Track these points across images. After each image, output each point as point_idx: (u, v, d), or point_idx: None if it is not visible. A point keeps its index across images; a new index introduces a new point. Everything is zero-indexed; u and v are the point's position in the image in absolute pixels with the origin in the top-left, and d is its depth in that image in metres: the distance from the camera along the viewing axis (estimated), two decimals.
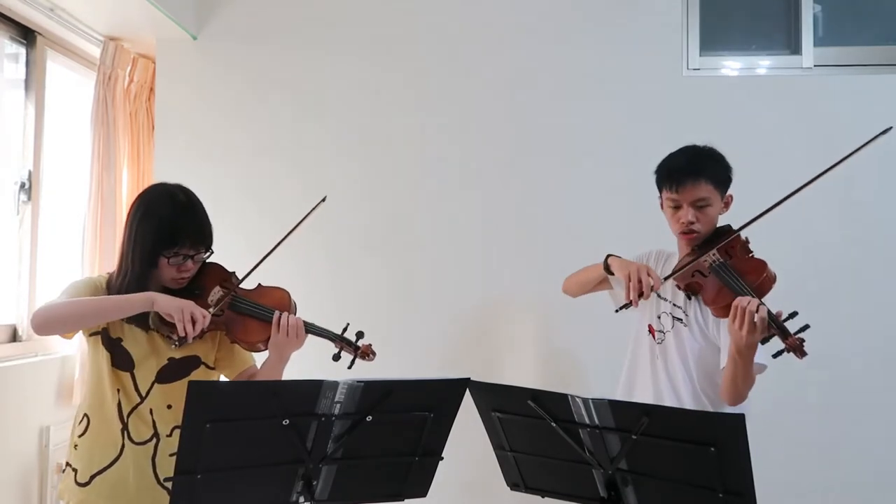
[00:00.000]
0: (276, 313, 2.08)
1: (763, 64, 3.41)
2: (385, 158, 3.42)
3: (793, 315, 1.93)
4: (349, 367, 2.10)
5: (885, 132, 2.12)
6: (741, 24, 3.50)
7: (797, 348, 1.89)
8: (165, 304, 1.96)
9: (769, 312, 1.95)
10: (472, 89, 3.40)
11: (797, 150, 3.27)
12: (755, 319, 1.93)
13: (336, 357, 2.11)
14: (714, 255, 2.16)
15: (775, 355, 1.96)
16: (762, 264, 2.12)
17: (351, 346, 2.12)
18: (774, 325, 1.93)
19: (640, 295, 2.16)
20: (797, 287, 3.15)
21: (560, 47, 3.38)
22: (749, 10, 3.51)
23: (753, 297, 2.00)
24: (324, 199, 2.17)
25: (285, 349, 2.08)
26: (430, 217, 3.39)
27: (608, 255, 2.38)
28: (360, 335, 2.13)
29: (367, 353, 2.13)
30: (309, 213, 2.16)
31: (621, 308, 2.24)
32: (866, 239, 3.24)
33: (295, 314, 2.13)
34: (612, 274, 2.34)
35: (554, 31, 3.38)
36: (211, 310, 2.02)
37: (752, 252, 2.20)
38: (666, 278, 2.24)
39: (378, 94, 3.42)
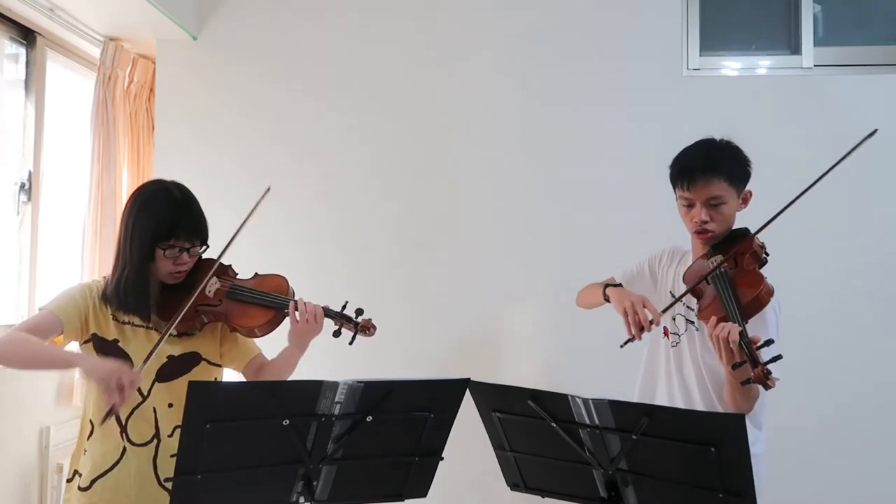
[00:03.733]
0: (292, 303, 2.08)
1: (763, 64, 3.41)
2: (387, 157, 3.42)
3: (767, 343, 1.87)
4: (350, 343, 2.10)
5: (870, 135, 2.06)
6: (741, 24, 3.50)
7: (762, 380, 1.83)
8: (90, 370, 1.87)
9: (743, 339, 1.88)
10: (475, 88, 3.40)
11: (797, 150, 3.27)
12: (731, 346, 1.88)
13: (336, 333, 2.12)
14: (719, 265, 2.08)
15: (743, 383, 1.90)
16: (759, 280, 2.03)
17: (351, 322, 2.12)
18: (746, 353, 1.87)
19: (641, 329, 2.09)
20: (786, 287, 3.17)
21: (560, 47, 3.38)
22: (749, 10, 3.51)
23: (738, 317, 1.94)
24: (268, 190, 2.16)
25: (305, 336, 2.09)
26: (434, 216, 3.39)
27: (606, 286, 2.30)
28: (359, 311, 2.13)
29: (367, 328, 2.12)
30: (255, 207, 2.14)
31: (626, 343, 2.13)
32: (863, 239, 3.24)
33: (294, 299, 2.13)
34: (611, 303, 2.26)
35: (553, 31, 3.38)
36: (140, 366, 1.91)
37: (764, 261, 2.11)
38: (664, 310, 2.16)
39: (381, 92, 3.42)
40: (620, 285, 2.30)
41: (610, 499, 1.76)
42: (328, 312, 2.13)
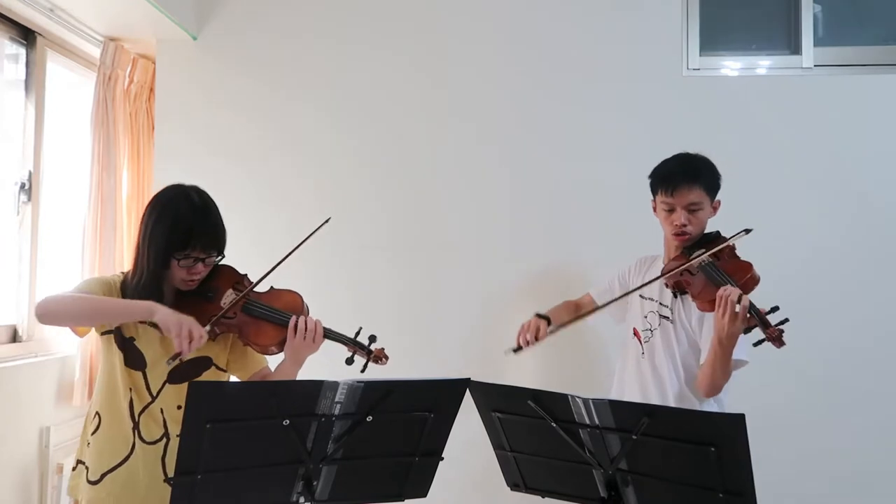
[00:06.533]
0: (293, 317, 2.07)
1: (763, 64, 3.41)
2: (386, 159, 3.42)
3: (774, 309, 2.05)
4: (362, 371, 2.10)
5: (746, 232, 2.27)
6: (741, 24, 3.50)
7: (776, 338, 2.01)
8: (165, 317, 1.94)
9: (751, 303, 2.06)
10: (473, 88, 3.39)
11: (797, 150, 3.27)
12: (737, 309, 2.05)
13: (349, 361, 2.12)
14: (704, 258, 2.27)
15: (756, 344, 2.07)
16: (748, 265, 2.23)
17: (364, 349, 2.12)
18: (756, 316, 2.05)
19: (527, 342, 2.46)
20: (788, 287, 3.18)
21: (560, 47, 3.37)
22: (749, 10, 3.51)
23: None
24: (327, 220, 2.17)
25: (301, 352, 2.08)
26: (433, 217, 3.39)
27: (538, 315, 2.58)
28: (372, 339, 2.13)
29: (379, 357, 2.13)
30: (312, 233, 2.15)
31: (511, 350, 2.48)
32: (863, 239, 3.23)
33: (307, 316, 2.13)
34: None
35: (553, 31, 3.38)
36: (207, 328, 2.00)
37: (738, 256, 2.31)
38: (607, 303, 2.45)
39: (380, 93, 3.42)
40: (547, 318, 2.57)
41: (610, 499, 1.77)
42: (341, 338, 2.13)
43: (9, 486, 2.83)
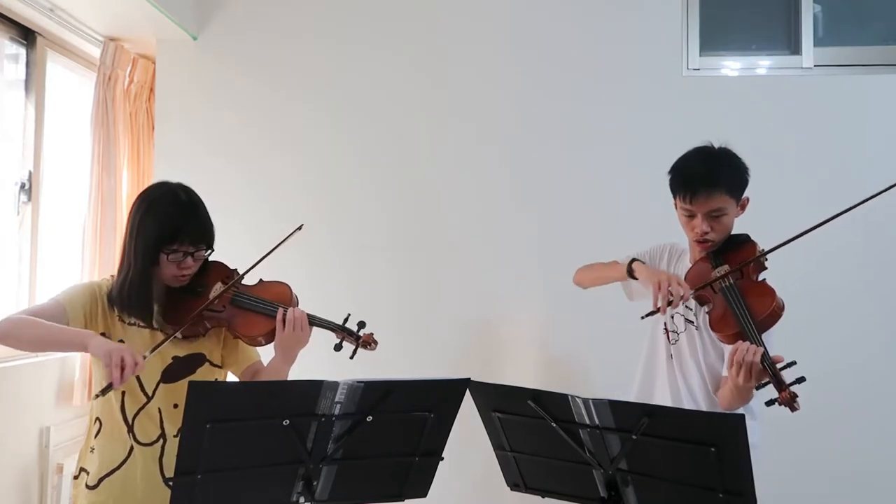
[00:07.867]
0: (280, 310, 2.07)
1: (763, 64, 3.41)
2: (386, 158, 3.42)
3: (791, 364, 1.87)
4: (351, 357, 2.09)
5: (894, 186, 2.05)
6: (741, 24, 3.50)
7: (789, 402, 1.84)
8: (96, 348, 1.87)
9: (767, 360, 1.88)
10: (474, 89, 3.40)
11: (797, 150, 3.27)
12: (752, 370, 1.89)
13: (338, 347, 2.11)
14: (727, 276, 2.09)
15: (768, 403, 1.89)
16: (770, 294, 2.03)
17: (352, 335, 2.11)
18: (771, 375, 1.88)
19: (669, 304, 2.10)
20: (787, 289, 3.17)
21: (560, 47, 3.38)
22: (749, 10, 3.51)
23: (755, 335, 1.94)
24: (299, 228, 2.15)
25: (291, 347, 2.07)
26: (433, 217, 3.39)
27: (633, 260, 2.33)
28: (361, 325, 2.12)
29: (368, 343, 2.11)
30: (283, 241, 2.14)
31: (648, 315, 2.15)
32: (863, 239, 3.23)
33: (295, 307, 2.11)
34: (636, 279, 2.29)
35: (553, 31, 3.38)
36: (148, 354, 1.93)
37: (765, 268, 2.14)
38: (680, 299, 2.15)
39: (380, 92, 3.42)
40: (643, 262, 2.32)
41: (610, 499, 1.77)
42: (330, 325, 2.12)
43: (9, 486, 2.83)
